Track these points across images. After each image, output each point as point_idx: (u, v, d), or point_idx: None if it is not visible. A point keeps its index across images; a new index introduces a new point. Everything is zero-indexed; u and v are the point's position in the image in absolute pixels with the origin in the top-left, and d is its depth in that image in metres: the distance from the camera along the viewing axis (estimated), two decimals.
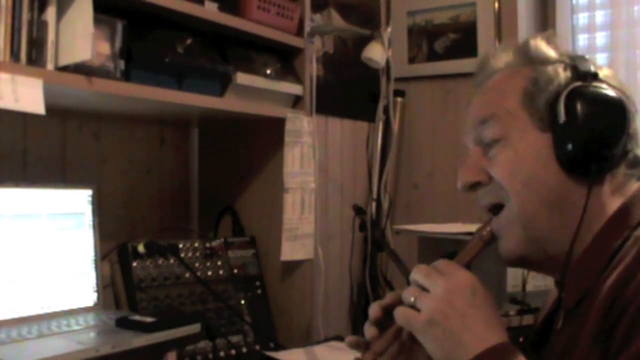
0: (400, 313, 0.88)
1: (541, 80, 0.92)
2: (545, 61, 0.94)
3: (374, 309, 0.96)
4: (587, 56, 0.96)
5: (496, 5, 2.63)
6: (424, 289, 0.87)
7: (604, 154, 0.88)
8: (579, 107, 0.88)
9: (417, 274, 0.89)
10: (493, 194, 0.95)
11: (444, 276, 0.87)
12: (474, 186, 0.96)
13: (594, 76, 0.91)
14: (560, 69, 0.93)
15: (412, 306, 0.87)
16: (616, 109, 0.89)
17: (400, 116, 2.77)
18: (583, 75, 0.91)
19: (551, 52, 0.95)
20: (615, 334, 0.80)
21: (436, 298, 0.85)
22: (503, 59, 0.99)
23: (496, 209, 0.95)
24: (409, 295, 0.88)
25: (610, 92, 0.90)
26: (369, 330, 0.95)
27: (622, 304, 0.80)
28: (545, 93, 0.91)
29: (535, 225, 0.91)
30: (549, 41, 0.97)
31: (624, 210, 0.90)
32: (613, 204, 0.90)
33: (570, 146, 0.88)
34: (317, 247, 1.94)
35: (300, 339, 1.89)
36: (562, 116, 0.89)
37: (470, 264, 0.96)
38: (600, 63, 0.99)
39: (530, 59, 0.96)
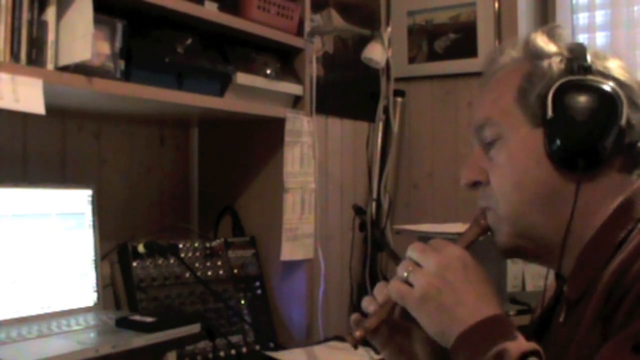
0: (394, 289, 0.88)
1: (535, 75, 0.91)
2: (542, 55, 0.93)
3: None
4: (589, 48, 0.93)
5: (496, 5, 2.63)
6: (418, 265, 0.88)
7: (592, 147, 0.87)
8: (565, 101, 0.87)
9: (412, 251, 0.90)
10: (487, 198, 0.95)
11: (436, 252, 0.88)
12: (475, 185, 0.96)
13: (587, 69, 0.89)
14: (554, 63, 0.91)
15: (406, 281, 0.88)
16: (604, 101, 0.87)
17: (400, 116, 2.76)
18: (577, 68, 0.90)
19: (549, 46, 0.94)
20: (615, 318, 0.79)
21: (429, 273, 0.86)
22: (510, 54, 0.98)
23: (489, 210, 0.96)
24: (403, 269, 0.89)
25: (600, 85, 0.88)
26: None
27: (622, 290, 0.80)
28: (538, 88, 0.90)
29: (525, 222, 0.91)
30: (550, 34, 0.95)
31: (628, 203, 0.88)
32: (612, 198, 0.89)
33: (558, 141, 0.87)
34: (317, 247, 1.94)
35: (300, 339, 1.89)
36: (550, 111, 0.88)
37: (469, 251, 0.96)
38: (606, 54, 0.95)
39: (529, 54, 0.95)
